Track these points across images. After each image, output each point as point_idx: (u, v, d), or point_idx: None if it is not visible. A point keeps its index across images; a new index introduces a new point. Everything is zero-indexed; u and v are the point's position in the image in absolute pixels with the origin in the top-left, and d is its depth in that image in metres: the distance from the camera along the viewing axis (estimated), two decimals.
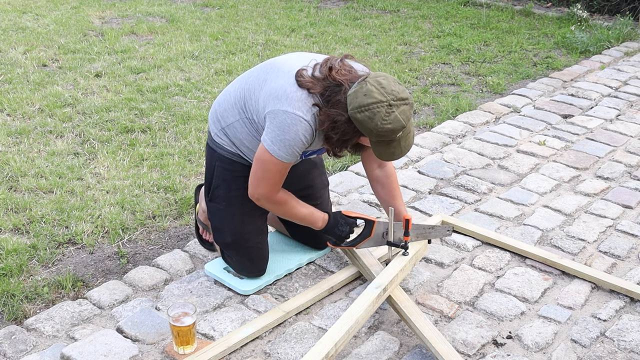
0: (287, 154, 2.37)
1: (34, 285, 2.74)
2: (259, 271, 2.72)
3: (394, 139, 2.29)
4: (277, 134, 2.35)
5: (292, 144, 2.35)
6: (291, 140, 2.35)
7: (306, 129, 2.34)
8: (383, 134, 2.25)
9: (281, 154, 2.37)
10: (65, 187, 3.45)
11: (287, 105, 2.34)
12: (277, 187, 2.49)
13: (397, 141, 2.30)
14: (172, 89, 4.74)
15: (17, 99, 4.50)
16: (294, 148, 2.37)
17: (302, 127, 2.34)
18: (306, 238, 2.91)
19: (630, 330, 2.50)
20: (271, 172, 2.43)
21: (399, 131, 2.26)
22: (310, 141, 2.39)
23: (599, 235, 3.11)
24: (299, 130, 2.34)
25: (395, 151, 2.32)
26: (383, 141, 2.30)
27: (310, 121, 2.34)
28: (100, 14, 6.56)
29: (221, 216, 2.69)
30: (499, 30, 6.25)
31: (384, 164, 2.73)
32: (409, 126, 2.32)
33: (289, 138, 2.34)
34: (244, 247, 2.68)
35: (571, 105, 4.57)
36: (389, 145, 2.30)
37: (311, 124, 2.35)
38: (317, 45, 5.73)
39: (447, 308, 2.62)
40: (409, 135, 2.34)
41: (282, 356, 2.37)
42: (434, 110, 4.52)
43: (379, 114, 2.23)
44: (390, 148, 2.31)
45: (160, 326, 2.47)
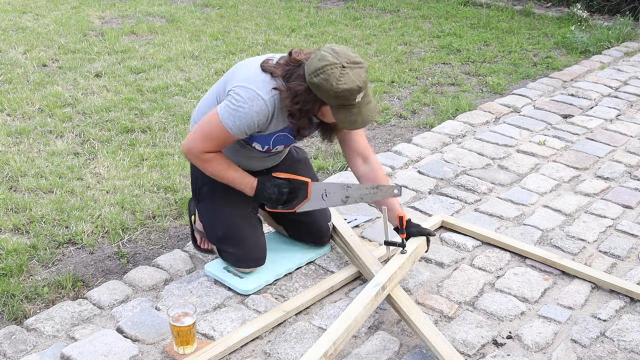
0: (234, 124, 2.44)
1: (34, 285, 2.74)
2: (256, 261, 2.72)
3: (352, 103, 2.35)
4: (232, 104, 2.44)
5: (242, 116, 2.43)
6: (243, 113, 2.43)
7: (261, 108, 2.43)
8: (340, 95, 2.31)
9: (228, 122, 2.44)
10: (65, 187, 3.45)
11: (249, 84, 2.45)
12: (210, 148, 2.53)
13: (356, 107, 2.36)
14: (172, 89, 4.74)
15: (17, 99, 4.50)
16: (242, 121, 2.43)
17: (257, 104, 2.42)
18: (305, 236, 2.91)
19: (630, 330, 2.50)
20: (211, 134, 2.49)
21: (356, 93, 2.32)
22: (262, 123, 2.47)
23: (599, 235, 3.11)
24: (254, 107, 2.42)
25: (357, 119, 2.39)
26: (342, 106, 2.36)
27: (267, 101, 2.43)
28: (100, 14, 6.56)
29: (210, 212, 2.74)
30: (499, 30, 6.25)
31: (368, 158, 2.72)
32: (368, 93, 2.40)
33: (241, 111, 2.43)
34: (236, 237, 2.69)
35: (571, 105, 4.57)
36: (349, 111, 2.36)
37: (267, 104, 2.43)
38: (317, 45, 5.72)
39: (447, 308, 2.62)
40: (369, 105, 2.41)
41: (282, 356, 2.37)
42: (434, 110, 4.52)
43: (333, 74, 2.30)
44: (351, 115, 2.37)
45: (160, 326, 2.47)
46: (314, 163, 3.75)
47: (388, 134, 4.17)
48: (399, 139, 4.11)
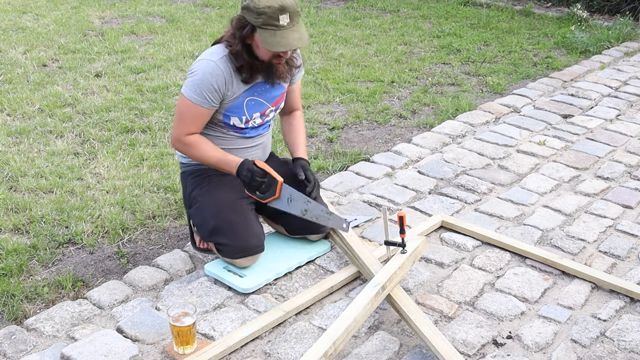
0: (196, 93, 2.61)
1: (34, 285, 2.74)
2: (252, 249, 2.73)
3: (276, 24, 2.49)
4: (189, 78, 2.63)
5: (198, 82, 2.60)
6: (198, 80, 2.60)
7: (212, 68, 2.60)
8: (261, 11, 2.48)
9: (191, 93, 2.61)
10: (65, 187, 3.45)
11: (200, 57, 2.66)
12: (187, 129, 2.67)
13: (280, 29, 2.50)
14: (172, 89, 4.74)
15: (17, 99, 4.50)
16: (201, 88, 2.60)
17: (208, 66, 2.60)
18: (304, 228, 2.92)
19: (630, 330, 2.50)
20: (182, 113, 2.66)
21: (277, 11, 2.48)
22: (221, 82, 2.61)
23: (599, 235, 3.11)
24: (206, 70, 2.59)
25: (281, 40, 2.51)
26: (266, 26, 2.50)
27: (217, 61, 2.61)
28: (100, 14, 6.56)
29: (200, 210, 2.78)
30: (499, 30, 6.25)
31: (293, 112, 2.99)
32: (298, 23, 2.54)
33: (196, 79, 2.60)
34: (229, 226, 2.70)
35: (571, 105, 4.57)
36: (273, 32, 2.50)
37: (218, 64, 2.60)
38: (317, 45, 5.73)
39: (447, 308, 2.62)
40: (296, 34, 2.53)
41: (282, 356, 2.37)
42: (434, 110, 4.52)
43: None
44: (274, 36, 2.51)
45: (160, 326, 2.47)
46: (314, 163, 3.75)
47: (388, 134, 4.17)
48: (399, 139, 4.11)
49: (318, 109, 4.48)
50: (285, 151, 3.80)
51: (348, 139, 4.12)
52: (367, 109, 4.52)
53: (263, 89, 2.76)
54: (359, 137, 4.14)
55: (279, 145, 3.91)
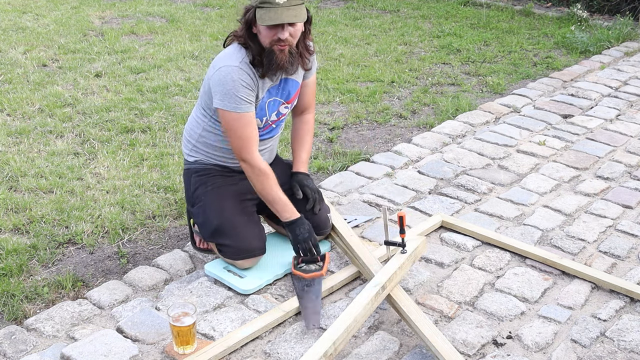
0: (235, 102, 2.57)
1: (34, 285, 2.74)
2: (254, 250, 2.73)
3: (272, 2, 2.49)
4: (220, 91, 2.59)
5: (233, 90, 2.57)
6: (230, 88, 2.57)
7: (238, 72, 2.57)
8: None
9: (230, 104, 2.58)
10: (65, 187, 3.45)
11: (219, 62, 2.62)
12: (249, 142, 2.64)
13: (276, 8, 2.50)
14: (172, 89, 4.74)
15: (17, 99, 4.50)
16: (237, 94, 2.57)
17: (233, 71, 2.57)
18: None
19: (630, 330, 2.50)
20: (234, 127, 2.62)
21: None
22: (251, 83, 2.60)
23: (599, 235, 3.11)
24: (233, 76, 2.56)
25: (274, 16, 2.50)
26: (264, 4, 2.50)
27: (238, 65, 2.58)
28: (100, 14, 6.56)
29: (203, 210, 2.77)
30: (499, 30, 6.25)
31: (304, 112, 2.95)
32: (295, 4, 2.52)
33: (228, 87, 2.57)
34: (231, 227, 2.70)
35: (571, 105, 4.57)
36: (269, 10, 2.50)
37: (241, 66, 2.58)
38: (317, 45, 5.73)
39: (447, 308, 2.62)
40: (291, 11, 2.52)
41: (282, 356, 2.37)
42: (434, 110, 4.52)
43: None
44: (270, 12, 2.50)
45: (160, 326, 2.47)
46: (314, 163, 3.75)
47: (388, 134, 4.17)
48: (399, 139, 4.11)
49: (318, 109, 4.48)
50: (287, 151, 3.80)
51: (348, 139, 4.12)
52: (367, 109, 4.52)
53: (279, 87, 2.74)
54: (359, 137, 4.14)
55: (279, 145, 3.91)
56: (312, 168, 3.71)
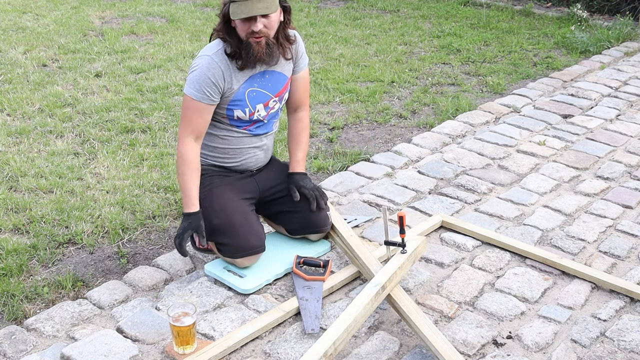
0: (195, 89, 2.64)
1: (34, 285, 2.74)
2: (254, 248, 2.73)
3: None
4: (189, 76, 2.67)
5: (198, 79, 2.63)
6: (196, 76, 2.64)
7: (209, 62, 2.64)
8: None
9: (191, 90, 2.65)
10: (65, 187, 3.45)
11: (197, 55, 2.72)
12: (188, 128, 2.68)
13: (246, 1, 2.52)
14: (172, 89, 4.74)
15: (17, 99, 4.50)
16: (200, 83, 2.63)
17: (204, 61, 2.64)
18: (305, 227, 2.92)
19: (630, 330, 2.50)
20: (185, 109, 2.69)
21: None
22: (219, 76, 2.64)
23: (599, 235, 3.11)
24: (202, 65, 2.64)
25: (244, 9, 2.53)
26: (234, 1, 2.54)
27: (212, 55, 2.65)
28: (100, 14, 6.56)
29: (202, 209, 2.75)
30: (499, 30, 6.25)
31: (298, 109, 2.96)
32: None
33: (195, 74, 2.65)
34: (230, 226, 2.70)
35: (571, 105, 4.57)
36: (240, 3, 2.54)
37: (214, 57, 2.64)
38: (317, 45, 5.73)
39: (447, 308, 2.62)
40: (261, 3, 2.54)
41: (282, 356, 2.37)
42: (434, 110, 4.52)
43: None
44: (240, 6, 2.54)
45: (160, 326, 2.47)
46: (314, 163, 3.75)
47: (388, 134, 4.17)
48: (399, 139, 4.11)
49: (318, 109, 4.48)
50: (285, 152, 3.80)
51: (348, 139, 4.12)
52: (367, 109, 4.52)
53: (263, 80, 2.76)
54: (359, 137, 4.14)
55: (279, 146, 3.91)
56: (312, 168, 3.71)
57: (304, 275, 2.69)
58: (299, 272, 2.71)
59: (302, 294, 2.62)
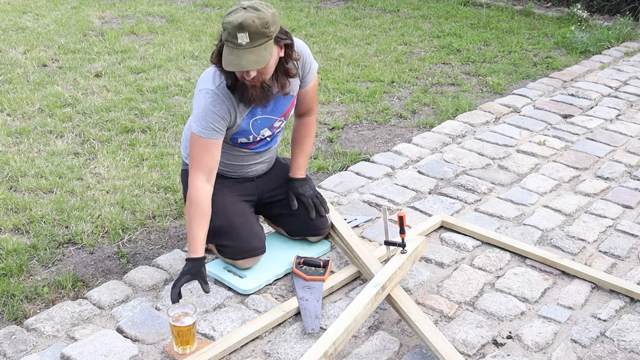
0: (202, 127, 2.54)
1: (34, 285, 2.74)
2: (255, 250, 2.73)
3: (235, 42, 2.38)
4: (195, 111, 2.57)
5: (204, 115, 2.53)
6: (202, 112, 2.53)
7: (213, 98, 2.53)
8: (224, 26, 2.40)
9: (198, 127, 2.55)
10: (65, 187, 3.45)
11: (200, 84, 2.58)
12: (199, 167, 2.57)
13: (238, 50, 2.38)
14: (172, 89, 4.74)
15: (17, 99, 4.50)
16: (206, 119, 2.53)
17: (207, 96, 2.53)
18: (305, 229, 2.92)
19: (630, 330, 2.50)
20: (193, 147, 2.59)
21: (236, 29, 2.35)
22: (225, 111, 2.55)
23: (599, 235, 3.11)
24: (207, 101, 2.52)
25: (234, 60, 2.40)
26: (228, 42, 2.40)
27: (214, 89, 2.53)
28: (100, 14, 6.56)
29: None
30: (499, 30, 6.25)
31: (304, 115, 2.91)
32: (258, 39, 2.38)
33: (200, 111, 2.54)
34: (230, 227, 2.70)
35: (571, 105, 4.57)
36: (230, 50, 2.40)
37: (217, 91, 2.53)
38: (317, 45, 5.73)
39: (447, 308, 2.62)
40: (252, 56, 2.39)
41: (282, 356, 2.37)
42: (434, 110, 4.52)
43: (230, 10, 2.43)
44: (230, 54, 2.40)
45: (160, 326, 2.47)
46: (314, 163, 3.75)
47: (388, 134, 4.17)
48: (399, 139, 4.11)
49: (318, 109, 4.48)
50: (285, 152, 3.80)
51: (348, 139, 4.12)
52: (367, 109, 4.52)
53: (267, 106, 2.66)
54: (359, 137, 4.14)
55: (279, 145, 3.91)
56: (312, 168, 3.71)
57: (304, 275, 2.69)
58: (299, 272, 2.71)
59: (302, 294, 2.62)
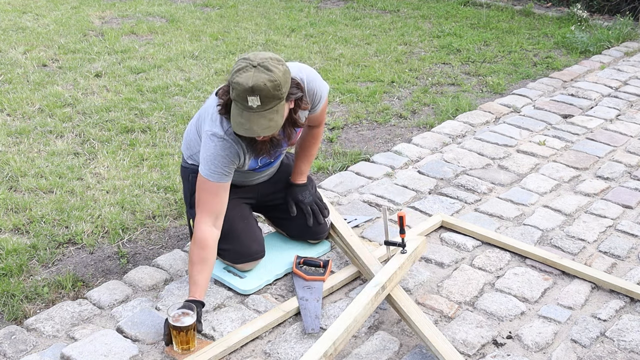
0: (211, 170, 2.48)
1: (34, 285, 2.74)
2: (254, 255, 2.73)
3: (245, 105, 2.29)
4: (203, 154, 2.50)
5: (213, 159, 2.47)
6: (211, 156, 2.47)
7: (223, 144, 2.46)
8: (233, 86, 2.30)
9: (206, 171, 2.49)
10: (65, 187, 3.45)
11: (208, 124, 2.50)
12: (205, 209, 2.51)
13: (247, 111, 2.31)
14: (172, 89, 4.74)
15: (17, 99, 4.50)
16: (215, 164, 2.47)
17: (216, 142, 2.46)
18: (303, 235, 2.93)
19: (630, 330, 2.50)
20: (201, 190, 2.53)
21: (246, 92, 2.26)
22: (235, 154, 2.49)
23: (599, 235, 3.11)
24: (217, 146, 2.46)
25: (245, 123, 2.32)
26: (236, 102, 2.32)
27: (222, 135, 2.45)
28: (100, 14, 6.56)
29: None
30: (499, 30, 6.25)
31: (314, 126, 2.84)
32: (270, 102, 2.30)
33: (209, 154, 2.48)
34: (231, 232, 2.69)
35: (571, 105, 4.57)
36: (240, 111, 2.32)
37: (226, 137, 2.45)
38: (317, 45, 5.73)
39: (447, 308, 2.62)
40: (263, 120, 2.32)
41: (282, 356, 2.37)
42: (434, 110, 4.52)
43: (238, 66, 2.31)
44: (239, 116, 2.33)
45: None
46: (314, 163, 3.75)
47: (388, 134, 4.17)
48: (399, 139, 4.11)
49: None
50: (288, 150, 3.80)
51: (348, 139, 4.12)
52: (367, 109, 4.52)
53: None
54: (359, 137, 4.14)
55: None
56: (312, 168, 3.71)
57: (304, 275, 2.69)
58: (299, 272, 2.71)
59: (302, 294, 2.62)
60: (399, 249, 2.65)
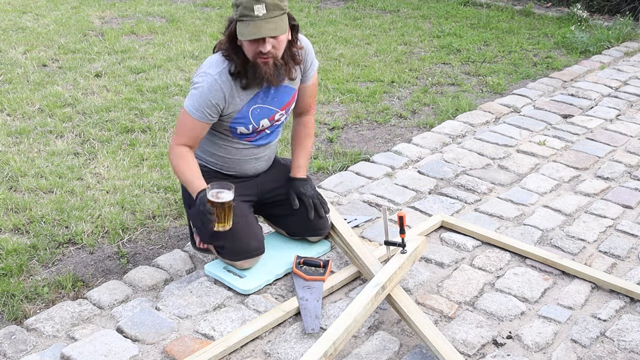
0: (195, 108, 2.62)
1: (34, 285, 2.74)
2: (253, 251, 2.73)
3: (251, 15, 2.46)
4: (191, 91, 2.65)
5: (199, 98, 2.61)
6: (197, 94, 2.61)
7: (211, 83, 2.60)
8: (239, 2, 2.48)
9: (190, 108, 2.63)
10: (65, 187, 3.45)
11: (201, 69, 2.67)
12: (183, 139, 2.68)
13: (255, 21, 2.46)
14: (172, 89, 4.74)
15: (17, 99, 4.50)
16: (199, 102, 2.61)
17: (207, 80, 2.60)
18: (303, 233, 2.93)
19: (630, 330, 2.50)
20: (180, 124, 2.69)
21: (251, 2, 2.45)
22: (220, 97, 2.61)
23: (599, 235, 3.11)
24: (204, 85, 2.60)
25: (253, 30, 2.47)
26: (243, 17, 2.47)
27: (215, 74, 2.60)
28: (100, 14, 6.56)
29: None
30: (499, 30, 6.25)
31: (303, 114, 2.95)
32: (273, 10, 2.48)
33: (196, 93, 2.62)
34: (231, 228, 2.68)
35: (571, 105, 4.57)
36: (248, 24, 2.48)
37: (217, 78, 2.60)
38: (317, 45, 5.73)
39: (447, 308, 2.62)
40: (276, 21, 2.49)
41: (282, 356, 2.37)
42: (434, 110, 4.52)
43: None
44: (249, 26, 2.48)
45: (160, 326, 2.47)
46: (314, 163, 3.75)
47: (388, 134, 4.17)
48: (399, 139, 4.11)
49: (318, 109, 4.48)
50: (285, 152, 3.80)
51: (348, 139, 4.12)
52: (367, 109, 4.52)
53: (268, 96, 2.72)
54: (359, 137, 4.14)
55: (279, 145, 3.91)
56: (312, 168, 3.71)
57: (304, 275, 2.69)
58: (299, 272, 2.71)
59: (302, 294, 2.62)
60: (399, 249, 2.65)
